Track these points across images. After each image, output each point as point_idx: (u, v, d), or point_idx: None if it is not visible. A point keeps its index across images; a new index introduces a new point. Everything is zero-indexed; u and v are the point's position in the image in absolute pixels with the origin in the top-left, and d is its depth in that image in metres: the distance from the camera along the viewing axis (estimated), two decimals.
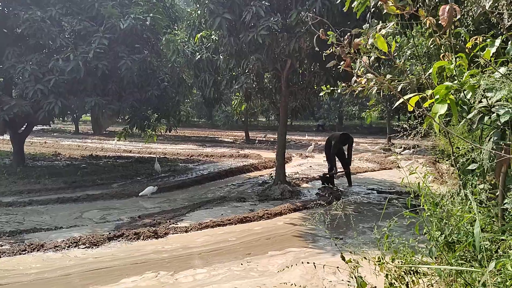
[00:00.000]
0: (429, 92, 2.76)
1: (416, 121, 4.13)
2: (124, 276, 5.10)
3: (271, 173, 11.40)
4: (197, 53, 10.38)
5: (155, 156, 14.04)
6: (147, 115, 14.10)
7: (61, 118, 15.54)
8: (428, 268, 4.26)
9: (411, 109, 2.84)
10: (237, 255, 5.88)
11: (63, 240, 6.15)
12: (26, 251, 5.72)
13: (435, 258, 4.71)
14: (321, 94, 5.89)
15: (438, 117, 2.41)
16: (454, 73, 2.61)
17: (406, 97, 2.97)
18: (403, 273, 4.04)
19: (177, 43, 10.47)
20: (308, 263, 4.16)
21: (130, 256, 5.78)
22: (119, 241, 6.34)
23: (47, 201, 9.00)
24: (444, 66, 2.81)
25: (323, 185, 10.88)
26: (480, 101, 2.72)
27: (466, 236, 3.15)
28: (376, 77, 5.34)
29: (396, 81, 5.52)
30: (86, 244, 6.04)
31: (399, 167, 14.45)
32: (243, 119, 28.00)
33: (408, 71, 5.52)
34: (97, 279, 5.02)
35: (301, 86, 11.25)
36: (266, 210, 8.13)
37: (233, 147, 22.01)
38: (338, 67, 7.09)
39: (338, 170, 11.39)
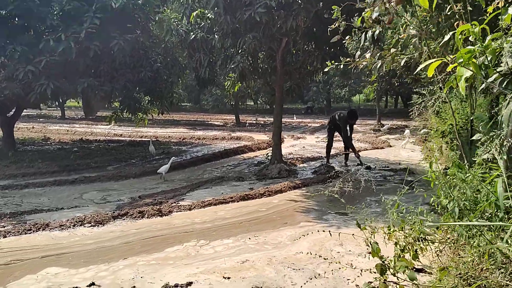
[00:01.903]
0: (450, 57, 2.79)
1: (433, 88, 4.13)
2: (136, 253, 5.11)
3: (267, 153, 11.44)
4: (191, 33, 10.25)
5: (149, 139, 13.92)
6: (138, 98, 13.96)
7: (49, 102, 15.34)
8: (448, 227, 4.37)
9: (431, 74, 2.87)
10: (244, 230, 5.93)
11: (68, 219, 6.11)
12: (32, 231, 5.67)
13: (437, 228, 4.82)
14: (325, 69, 5.94)
15: (464, 80, 2.45)
16: (476, 37, 2.64)
17: (426, 62, 2.99)
18: (412, 240, 4.13)
19: (170, 22, 10.33)
20: (323, 231, 4.22)
21: (138, 233, 5.78)
22: (124, 219, 6.33)
23: (44, 184, 8.91)
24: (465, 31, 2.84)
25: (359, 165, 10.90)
26: (499, 65, 2.77)
27: (485, 199, 3.22)
28: (381, 51, 5.38)
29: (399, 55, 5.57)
30: (92, 223, 6.02)
31: (390, 146, 14.65)
32: (232, 103, 27.91)
33: (412, 46, 5.52)
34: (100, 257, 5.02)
35: (296, 65, 11.24)
36: (267, 188, 8.19)
37: (224, 130, 21.99)
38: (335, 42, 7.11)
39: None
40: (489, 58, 2.75)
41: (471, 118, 6.11)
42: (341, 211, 6.88)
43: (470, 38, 2.75)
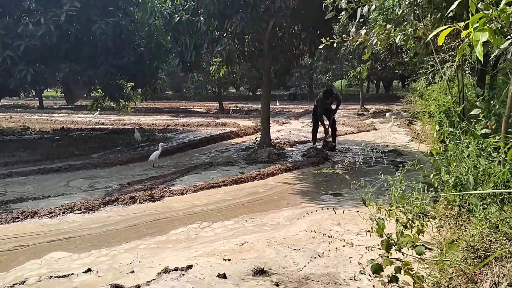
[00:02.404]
0: (463, 24, 2.72)
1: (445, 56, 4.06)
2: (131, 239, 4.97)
3: (256, 138, 11.35)
4: (176, 15, 9.97)
5: (133, 127, 13.65)
6: (121, 85, 13.62)
7: (27, 91, 14.80)
8: (449, 202, 4.36)
9: (442, 42, 2.78)
10: (240, 212, 5.84)
11: (57, 207, 5.91)
12: (20, 219, 5.45)
13: (434, 203, 4.83)
14: (320, 47, 5.83)
15: (481, 44, 2.37)
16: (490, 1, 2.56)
17: (436, 30, 2.90)
18: (412, 217, 4.10)
19: (154, 4, 10.03)
20: (328, 209, 4.15)
21: (131, 218, 5.63)
22: (115, 205, 6.15)
23: (28, 172, 8.61)
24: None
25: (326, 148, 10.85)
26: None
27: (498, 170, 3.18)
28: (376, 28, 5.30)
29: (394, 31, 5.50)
30: (82, 210, 5.83)
31: (376, 129, 14.73)
32: (215, 90, 27.63)
33: (406, 23, 5.46)
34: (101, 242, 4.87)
35: (283, 48, 11.11)
36: (258, 171, 8.10)
37: (208, 116, 21.76)
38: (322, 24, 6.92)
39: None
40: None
41: (462, 95, 6.10)
42: (336, 192, 6.86)
43: (479, 5, 2.67)
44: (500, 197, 3.15)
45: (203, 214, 5.80)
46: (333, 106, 11.28)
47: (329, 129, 11.37)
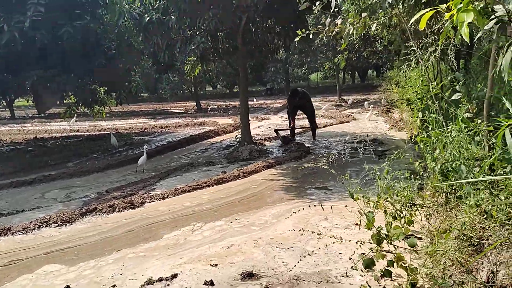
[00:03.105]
0: (444, 5, 2.61)
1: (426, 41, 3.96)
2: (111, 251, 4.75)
3: (236, 135, 11.17)
4: (146, 15, 9.68)
5: (109, 132, 13.26)
6: (93, 90, 13.24)
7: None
8: (436, 191, 4.28)
9: (423, 27, 2.67)
10: (225, 213, 5.67)
11: (31, 221, 5.62)
12: None
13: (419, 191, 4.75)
14: (296, 39, 5.69)
15: (466, 25, 2.26)
16: None
17: (418, 14, 2.78)
18: (400, 207, 4.01)
19: (122, 5, 9.73)
20: (315, 206, 4.02)
21: (115, 227, 5.39)
22: (93, 215, 5.90)
23: (0, 187, 8.24)
24: None
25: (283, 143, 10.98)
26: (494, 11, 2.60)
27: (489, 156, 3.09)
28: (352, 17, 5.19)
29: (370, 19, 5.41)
30: (58, 223, 5.56)
31: (355, 119, 14.78)
32: (191, 89, 27.29)
33: (381, 10, 5.37)
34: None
35: (257, 44, 10.95)
36: (241, 169, 7.93)
37: (186, 117, 21.46)
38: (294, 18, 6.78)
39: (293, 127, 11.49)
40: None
41: (441, 84, 6.04)
42: (321, 186, 6.76)
43: None
44: (491, 184, 3.07)
45: (186, 219, 5.61)
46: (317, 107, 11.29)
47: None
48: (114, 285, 3.77)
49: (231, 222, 5.31)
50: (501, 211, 2.66)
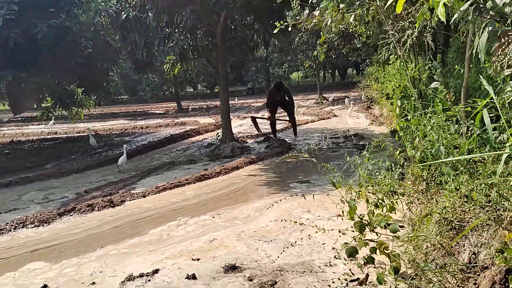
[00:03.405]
0: None
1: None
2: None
3: (218, 133, 11.09)
4: (123, 12, 9.53)
5: (88, 132, 13.00)
6: (71, 91, 13.00)
7: None
8: (416, 179, 4.30)
9: (400, 10, 2.67)
10: (208, 209, 5.60)
11: (7, 223, 5.46)
12: None
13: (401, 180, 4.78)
14: (274, 31, 5.66)
15: (442, 5, 2.26)
16: None
17: None
18: (382, 196, 4.01)
19: (98, 2, 9.56)
20: (297, 195, 3.99)
21: (101, 225, 5.27)
22: (72, 215, 5.76)
23: None
24: None
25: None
26: None
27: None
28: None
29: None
30: (35, 223, 5.40)
31: (336, 116, 14.87)
32: (172, 90, 27.06)
33: (358, 1, 5.38)
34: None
35: (237, 41, 10.91)
36: (223, 166, 7.87)
37: (167, 117, 21.28)
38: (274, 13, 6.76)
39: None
40: None
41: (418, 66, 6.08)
42: (303, 179, 6.75)
43: None
44: (471, 168, 3.10)
45: (167, 215, 5.52)
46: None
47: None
48: (94, 283, 3.67)
49: (213, 217, 5.24)
50: (480, 191, 2.68)
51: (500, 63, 2.58)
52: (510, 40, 2.49)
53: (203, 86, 39.27)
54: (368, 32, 9.42)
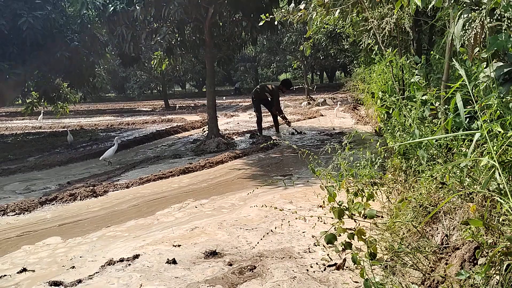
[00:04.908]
0: None
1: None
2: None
3: (204, 129, 11.10)
4: (110, 5, 9.48)
5: (66, 129, 12.85)
6: (56, 85, 12.88)
7: None
8: (395, 170, 4.38)
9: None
10: (189, 200, 5.61)
11: None
12: None
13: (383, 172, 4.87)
14: (260, 23, 5.72)
15: None
16: None
17: None
18: (362, 186, 4.08)
19: None
20: (280, 186, 4.03)
21: (82, 213, 5.25)
22: (53, 204, 5.72)
23: None
24: None
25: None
26: None
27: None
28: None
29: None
30: (16, 211, 5.36)
31: (322, 115, 14.94)
32: (160, 88, 26.97)
33: None
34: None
35: (224, 37, 10.94)
36: (207, 159, 7.89)
37: (154, 114, 21.18)
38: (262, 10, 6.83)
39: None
40: None
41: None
42: (286, 173, 6.80)
43: None
44: (446, 153, 3.17)
45: (150, 205, 5.52)
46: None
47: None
48: (73, 266, 3.67)
49: (196, 207, 5.26)
50: (454, 175, 2.75)
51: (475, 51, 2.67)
52: (485, 29, 2.57)
53: (192, 85, 39.23)
54: (355, 32, 9.53)
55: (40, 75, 11.33)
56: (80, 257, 3.90)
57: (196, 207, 5.27)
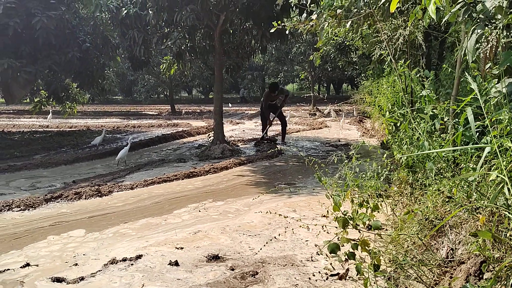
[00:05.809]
0: None
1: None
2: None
3: (209, 135, 11.12)
4: (123, 8, 9.60)
5: (101, 128, 12.84)
6: (65, 85, 12.98)
7: None
8: (401, 184, 4.37)
9: (394, 8, 2.76)
10: (192, 204, 5.62)
11: None
12: None
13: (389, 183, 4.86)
14: (271, 30, 5.76)
15: (433, 3, 2.35)
16: None
17: None
18: (367, 197, 4.07)
19: None
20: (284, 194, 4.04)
21: (92, 210, 5.27)
22: (58, 201, 5.75)
23: None
24: None
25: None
26: None
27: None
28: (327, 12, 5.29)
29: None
30: (21, 207, 5.39)
31: (327, 127, 14.91)
32: (167, 93, 27.10)
33: (355, 9, 5.49)
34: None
35: (234, 45, 11.01)
36: (212, 165, 7.90)
37: (160, 118, 21.25)
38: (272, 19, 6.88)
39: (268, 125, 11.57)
40: None
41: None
42: (290, 182, 6.80)
43: None
44: (454, 167, 3.18)
45: (154, 207, 5.53)
46: (285, 106, 11.40)
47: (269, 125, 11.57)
48: (76, 264, 3.68)
49: (199, 211, 5.27)
50: (461, 189, 2.75)
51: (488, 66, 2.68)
52: (498, 44, 2.58)
53: (198, 91, 39.39)
54: (365, 45, 9.58)
55: (50, 75, 11.42)
56: (84, 255, 3.91)
57: (199, 211, 5.28)
